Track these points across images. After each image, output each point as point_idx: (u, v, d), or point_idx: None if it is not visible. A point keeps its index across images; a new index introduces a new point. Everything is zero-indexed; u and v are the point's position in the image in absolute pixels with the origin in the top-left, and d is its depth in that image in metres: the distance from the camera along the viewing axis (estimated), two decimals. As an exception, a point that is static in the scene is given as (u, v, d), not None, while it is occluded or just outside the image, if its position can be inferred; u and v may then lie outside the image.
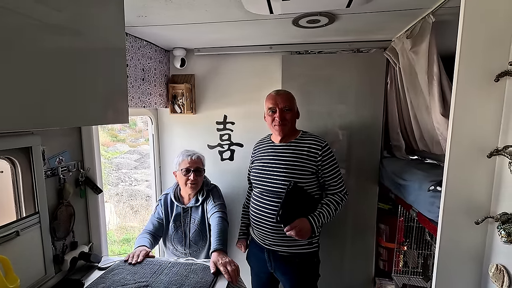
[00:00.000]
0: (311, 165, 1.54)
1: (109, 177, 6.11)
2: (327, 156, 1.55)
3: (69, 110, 0.91)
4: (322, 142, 1.57)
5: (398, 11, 1.39)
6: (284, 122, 1.56)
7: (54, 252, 1.36)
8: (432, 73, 1.41)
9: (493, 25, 0.96)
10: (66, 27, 0.88)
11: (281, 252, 1.58)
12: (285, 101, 1.57)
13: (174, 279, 1.37)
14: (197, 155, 1.91)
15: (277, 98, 1.58)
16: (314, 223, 1.48)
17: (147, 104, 1.96)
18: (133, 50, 1.79)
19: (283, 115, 1.56)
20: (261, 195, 1.61)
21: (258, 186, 1.63)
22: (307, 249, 1.57)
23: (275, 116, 1.56)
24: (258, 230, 1.62)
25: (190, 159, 1.86)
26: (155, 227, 1.85)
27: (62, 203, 1.39)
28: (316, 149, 1.55)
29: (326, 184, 1.58)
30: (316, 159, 1.54)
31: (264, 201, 1.59)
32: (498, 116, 0.98)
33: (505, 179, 0.96)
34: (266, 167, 1.61)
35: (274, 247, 1.59)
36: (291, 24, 1.57)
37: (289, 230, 1.44)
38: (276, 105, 1.56)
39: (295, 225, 1.44)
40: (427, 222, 1.38)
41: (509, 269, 0.93)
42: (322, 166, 1.54)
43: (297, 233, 1.44)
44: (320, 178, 1.58)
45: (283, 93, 1.61)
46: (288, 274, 1.61)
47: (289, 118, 1.57)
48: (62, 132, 1.43)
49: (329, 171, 1.56)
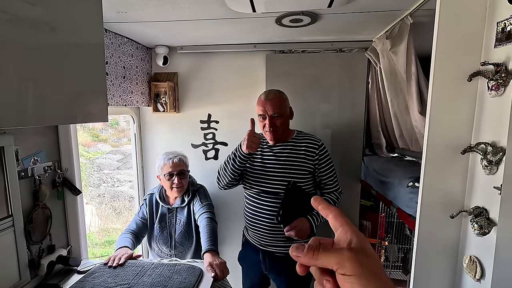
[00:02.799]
0: (308, 164, 1.53)
1: (90, 178, 5.92)
2: (323, 155, 1.55)
3: (44, 108, 0.88)
4: (318, 141, 1.57)
5: (378, 12, 1.42)
6: (274, 129, 1.51)
7: (30, 257, 1.31)
8: (410, 73, 1.46)
9: (466, 27, 1.00)
10: (40, 22, 0.85)
11: (278, 253, 1.56)
12: (275, 107, 1.50)
13: (157, 281, 1.35)
14: (179, 157, 1.83)
15: (266, 105, 1.50)
16: (314, 222, 1.48)
17: (129, 102, 1.91)
18: (113, 47, 1.74)
19: (272, 121, 1.50)
20: (258, 196, 1.57)
21: (255, 187, 1.59)
22: None
23: (265, 122, 1.52)
24: (254, 231, 1.60)
25: (172, 163, 1.79)
26: (138, 227, 1.81)
27: (38, 205, 1.33)
28: (313, 148, 1.54)
29: (322, 183, 1.58)
30: (313, 158, 1.53)
31: (261, 202, 1.56)
32: (471, 114, 1.03)
33: (477, 175, 1.00)
34: (263, 167, 1.57)
35: (270, 248, 1.57)
36: (274, 23, 1.58)
37: (289, 230, 1.43)
38: (266, 112, 1.50)
39: (295, 225, 1.43)
40: (406, 217, 1.43)
41: (481, 260, 0.97)
42: (319, 165, 1.54)
43: (297, 233, 1.42)
44: (316, 177, 1.57)
45: (272, 97, 1.52)
46: (284, 275, 1.59)
47: (279, 124, 1.52)
48: (37, 131, 1.37)
49: (326, 170, 1.56)
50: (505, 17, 0.89)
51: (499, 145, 0.90)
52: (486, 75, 0.93)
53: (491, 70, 0.92)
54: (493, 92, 0.91)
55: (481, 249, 0.97)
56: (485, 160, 0.93)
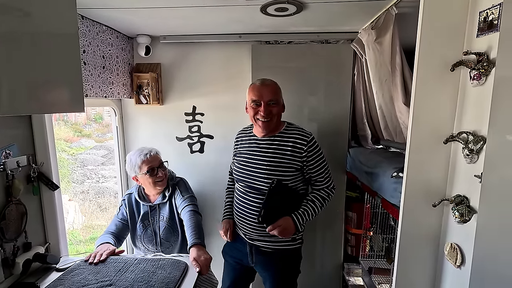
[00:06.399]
0: (296, 161, 1.44)
1: (73, 174, 5.74)
2: (313, 151, 1.45)
3: (14, 96, 0.82)
4: (308, 136, 1.46)
5: (363, 2, 1.41)
6: (269, 117, 1.42)
7: (3, 255, 1.24)
8: (395, 64, 1.46)
9: (449, 17, 1.00)
10: (9, 6, 0.78)
11: (264, 248, 1.53)
12: (272, 93, 1.43)
13: (140, 276, 1.31)
14: (154, 150, 1.77)
15: (263, 90, 1.42)
16: (298, 222, 1.42)
17: (109, 94, 1.84)
18: (91, 35, 1.65)
19: (268, 109, 1.41)
20: (244, 191, 1.53)
21: (241, 182, 1.55)
22: (291, 245, 1.53)
23: (259, 109, 1.42)
24: (241, 225, 1.56)
25: (150, 157, 1.71)
26: (118, 228, 1.75)
27: (11, 201, 1.27)
28: (301, 144, 1.44)
29: (312, 180, 1.51)
30: (302, 155, 1.44)
31: (247, 198, 1.52)
32: (454, 104, 1.04)
33: (459, 163, 1.02)
34: (248, 163, 1.51)
35: (257, 243, 1.53)
36: (259, 12, 1.54)
37: (272, 230, 1.39)
38: (261, 97, 1.41)
39: (278, 225, 1.39)
40: (390, 207, 1.45)
41: (462, 247, 0.99)
42: (307, 162, 1.45)
43: (280, 232, 1.39)
44: (305, 173, 1.49)
45: (270, 83, 1.45)
46: (270, 270, 1.56)
47: (275, 112, 1.43)
48: (8, 123, 1.29)
49: (315, 167, 1.47)
50: (487, 7, 0.89)
51: (480, 134, 0.92)
52: (469, 64, 0.94)
53: (473, 60, 0.93)
54: (475, 82, 0.92)
55: (462, 237, 0.99)
56: (467, 149, 0.94)
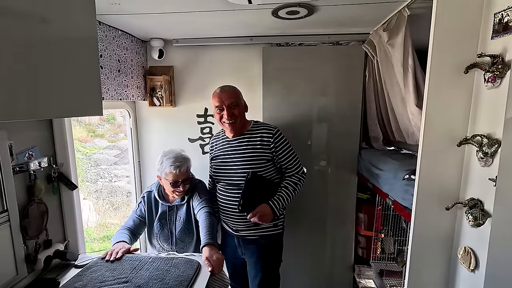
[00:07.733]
0: (266, 153, 1.63)
1: (87, 174, 5.89)
2: (279, 141, 1.63)
3: (37, 102, 0.86)
4: (272, 130, 1.65)
5: (375, 4, 1.41)
6: (233, 118, 1.60)
7: (26, 251, 1.30)
8: (407, 65, 1.45)
9: (463, 19, 1.00)
10: (30, 14, 0.83)
11: (249, 236, 1.70)
12: (230, 97, 1.61)
13: (155, 274, 1.35)
14: (186, 166, 1.73)
15: (223, 95, 1.61)
16: (275, 206, 1.59)
17: (124, 96, 1.89)
18: (108, 40, 1.71)
19: (230, 111, 1.60)
20: (225, 189, 1.70)
21: (221, 181, 1.72)
22: (272, 231, 1.71)
23: (223, 113, 1.60)
24: (227, 219, 1.74)
25: (179, 172, 1.69)
26: (135, 224, 1.80)
27: (34, 200, 1.33)
28: (268, 137, 1.63)
29: (283, 168, 1.68)
30: (270, 147, 1.63)
31: (228, 194, 1.69)
32: (467, 107, 1.03)
33: (472, 166, 1.01)
34: (225, 162, 1.69)
35: (242, 233, 1.71)
36: (271, 15, 1.56)
37: (252, 216, 1.56)
38: (222, 102, 1.59)
39: (257, 211, 1.56)
40: (402, 209, 1.44)
41: (476, 251, 0.98)
42: (276, 152, 1.64)
43: (260, 218, 1.56)
44: (276, 163, 1.67)
45: (227, 89, 1.64)
46: (254, 256, 1.72)
47: (237, 113, 1.61)
48: (31, 125, 1.35)
49: (284, 155, 1.65)
50: (503, 8, 0.88)
51: (495, 137, 0.91)
52: (483, 67, 0.93)
53: (487, 62, 0.92)
54: (490, 84, 0.91)
55: (476, 240, 0.99)
56: (481, 152, 0.93)
